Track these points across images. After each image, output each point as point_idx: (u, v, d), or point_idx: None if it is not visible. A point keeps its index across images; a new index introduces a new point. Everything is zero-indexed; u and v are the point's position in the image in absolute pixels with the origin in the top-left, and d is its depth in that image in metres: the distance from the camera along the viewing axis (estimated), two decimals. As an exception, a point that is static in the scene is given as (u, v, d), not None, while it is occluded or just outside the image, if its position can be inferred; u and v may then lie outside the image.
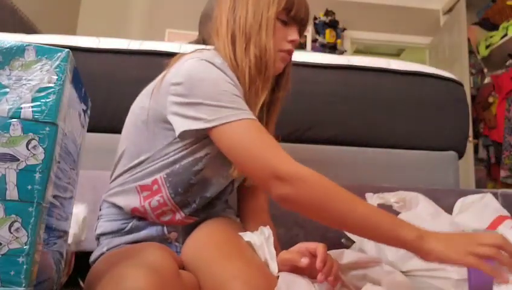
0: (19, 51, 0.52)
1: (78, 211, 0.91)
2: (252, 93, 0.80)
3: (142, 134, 0.81)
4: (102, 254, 0.80)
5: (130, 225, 0.81)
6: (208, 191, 0.84)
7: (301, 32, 0.90)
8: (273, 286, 0.63)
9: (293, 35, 0.85)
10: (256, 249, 0.76)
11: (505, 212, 1.01)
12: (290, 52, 0.87)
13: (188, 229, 0.84)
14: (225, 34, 0.83)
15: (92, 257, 0.82)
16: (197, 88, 0.73)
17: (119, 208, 0.82)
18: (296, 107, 1.32)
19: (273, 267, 0.72)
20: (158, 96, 0.79)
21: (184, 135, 0.75)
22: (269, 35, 0.81)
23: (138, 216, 0.82)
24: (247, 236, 0.79)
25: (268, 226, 0.80)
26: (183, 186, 0.80)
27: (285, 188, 0.66)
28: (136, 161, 0.81)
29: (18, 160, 0.50)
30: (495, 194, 1.13)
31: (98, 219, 0.86)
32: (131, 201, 0.80)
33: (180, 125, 0.74)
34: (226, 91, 0.73)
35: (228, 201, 0.95)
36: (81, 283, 0.71)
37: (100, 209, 0.87)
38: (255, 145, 0.69)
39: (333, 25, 3.84)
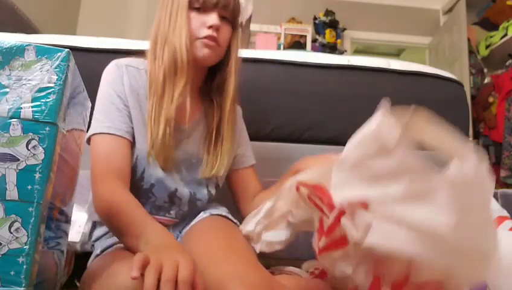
0: (19, 51, 0.52)
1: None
2: (168, 88, 0.82)
3: None
4: (96, 256, 0.80)
5: None
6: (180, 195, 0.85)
7: (232, 16, 0.88)
8: (270, 284, 0.63)
9: (211, 20, 0.83)
10: (252, 242, 0.77)
11: (505, 213, 1.01)
12: (211, 38, 0.84)
13: (177, 223, 0.87)
14: (152, 39, 0.86)
15: (89, 262, 0.82)
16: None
17: None
18: (296, 107, 1.32)
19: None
20: None
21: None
22: (183, 28, 0.82)
23: None
24: (244, 230, 0.80)
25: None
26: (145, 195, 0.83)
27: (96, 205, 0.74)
28: None
29: (18, 160, 0.50)
30: (494, 194, 1.12)
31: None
32: None
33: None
34: (104, 97, 0.81)
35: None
36: (77, 283, 0.72)
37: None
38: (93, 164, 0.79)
39: (333, 25, 3.84)
